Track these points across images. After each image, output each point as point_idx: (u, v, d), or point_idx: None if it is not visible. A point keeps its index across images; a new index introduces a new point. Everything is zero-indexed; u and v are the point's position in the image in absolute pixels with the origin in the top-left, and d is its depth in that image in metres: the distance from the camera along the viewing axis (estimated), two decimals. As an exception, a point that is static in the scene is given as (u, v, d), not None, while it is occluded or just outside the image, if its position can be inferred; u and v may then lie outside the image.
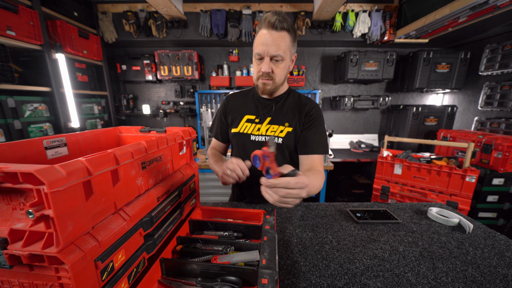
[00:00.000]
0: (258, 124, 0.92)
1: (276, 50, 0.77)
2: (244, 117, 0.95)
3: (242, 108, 0.97)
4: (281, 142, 0.90)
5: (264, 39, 0.77)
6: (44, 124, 1.77)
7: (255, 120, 0.93)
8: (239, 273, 0.49)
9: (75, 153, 0.60)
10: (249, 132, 0.92)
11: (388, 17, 2.26)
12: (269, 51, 0.77)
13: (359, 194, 2.62)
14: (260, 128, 0.92)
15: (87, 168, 0.32)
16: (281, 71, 0.82)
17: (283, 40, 0.76)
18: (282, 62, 0.80)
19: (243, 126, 0.94)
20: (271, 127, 0.91)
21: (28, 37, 1.57)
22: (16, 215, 0.30)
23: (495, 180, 1.80)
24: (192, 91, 2.76)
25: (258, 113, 0.93)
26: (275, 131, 0.90)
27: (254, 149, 0.91)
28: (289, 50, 0.80)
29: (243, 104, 0.97)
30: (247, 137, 0.93)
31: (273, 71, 0.81)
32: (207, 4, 2.26)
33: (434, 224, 0.79)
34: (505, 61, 2.02)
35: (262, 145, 0.90)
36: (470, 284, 0.52)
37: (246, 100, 0.98)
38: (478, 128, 2.33)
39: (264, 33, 0.77)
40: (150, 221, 0.46)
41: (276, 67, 0.81)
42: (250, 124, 0.93)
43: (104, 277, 0.35)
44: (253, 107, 0.95)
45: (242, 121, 0.94)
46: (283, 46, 0.77)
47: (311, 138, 0.88)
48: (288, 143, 0.90)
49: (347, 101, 2.51)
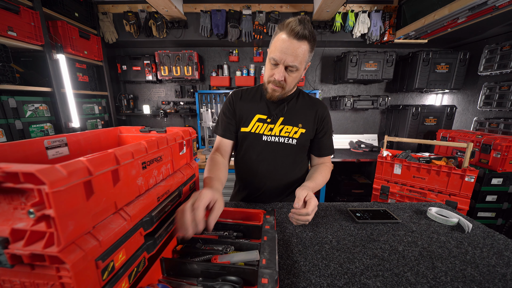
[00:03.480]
0: (270, 124, 0.90)
1: (293, 61, 0.75)
2: (255, 116, 0.91)
3: (252, 106, 0.93)
4: (295, 143, 0.90)
5: (283, 46, 0.73)
6: (45, 124, 1.78)
7: (267, 120, 0.90)
8: (239, 273, 0.49)
9: (76, 153, 0.60)
10: (261, 132, 0.90)
11: (387, 17, 2.27)
12: (286, 60, 0.75)
13: (359, 194, 2.62)
14: (273, 128, 0.90)
15: (88, 168, 0.32)
16: (293, 80, 0.81)
17: (301, 50, 0.74)
18: (296, 72, 0.79)
19: (254, 126, 0.91)
20: (284, 127, 0.90)
21: (29, 38, 1.57)
22: (17, 215, 0.30)
23: (494, 180, 1.80)
24: (192, 91, 2.76)
25: (270, 113, 0.91)
26: (289, 132, 0.89)
27: (266, 150, 0.93)
28: (305, 60, 0.78)
29: (252, 103, 0.94)
30: (259, 138, 0.90)
31: (285, 80, 0.80)
32: (207, 5, 2.27)
33: (434, 224, 0.79)
34: (504, 62, 2.02)
35: (275, 146, 0.91)
36: (469, 284, 0.52)
37: (255, 98, 0.94)
38: (477, 128, 2.33)
39: (285, 40, 0.73)
40: (151, 221, 0.46)
41: (289, 76, 0.79)
42: (262, 124, 0.90)
43: (104, 276, 0.35)
44: (264, 106, 0.92)
45: (253, 121, 0.91)
46: (301, 56, 0.75)
47: (325, 142, 0.95)
48: (301, 144, 0.91)
49: (347, 101, 2.51)
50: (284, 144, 0.90)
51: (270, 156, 0.92)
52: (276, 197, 0.98)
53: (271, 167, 0.93)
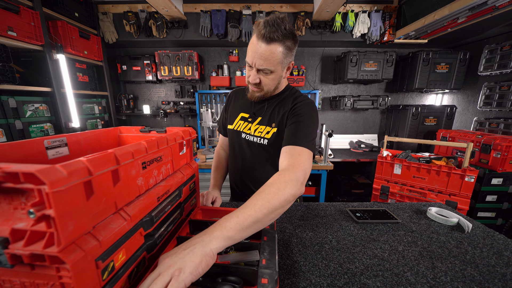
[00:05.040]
0: (250, 123, 0.92)
1: (263, 64, 0.72)
2: (239, 114, 0.95)
3: (239, 105, 0.98)
4: (266, 143, 0.88)
5: (253, 49, 0.71)
6: (45, 124, 1.78)
7: (248, 119, 0.93)
8: (239, 273, 0.49)
9: (76, 153, 0.60)
10: (241, 129, 0.94)
11: (387, 17, 2.27)
12: (256, 64, 0.72)
13: (358, 194, 2.62)
14: (251, 127, 0.92)
15: (88, 168, 0.32)
16: (270, 81, 0.78)
17: (272, 54, 0.70)
18: (272, 74, 0.76)
19: (237, 124, 0.95)
20: (259, 127, 0.89)
21: (29, 38, 1.57)
22: (17, 215, 0.30)
23: (494, 180, 1.80)
24: (192, 91, 2.76)
25: (251, 112, 0.93)
26: (262, 132, 0.88)
27: (244, 147, 0.95)
28: (280, 62, 0.73)
29: (241, 102, 0.98)
30: (239, 135, 0.94)
31: (261, 82, 0.78)
32: (207, 5, 2.27)
33: (433, 224, 0.79)
34: (504, 62, 2.02)
35: (251, 145, 0.93)
36: (469, 283, 0.52)
37: (244, 97, 0.97)
38: (477, 128, 2.33)
39: (254, 43, 0.71)
40: (151, 221, 0.47)
41: (264, 77, 0.77)
42: (243, 122, 0.94)
43: (104, 276, 0.35)
44: (249, 106, 0.95)
45: (237, 119, 0.96)
46: (272, 60, 0.71)
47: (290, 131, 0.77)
48: (273, 144, 0.87)
49: (347, 101, 2.51)
50: (257, 143, 0.91)
51: (247, 154, 0.94)
52: None
53: (248, 164, 0.95)
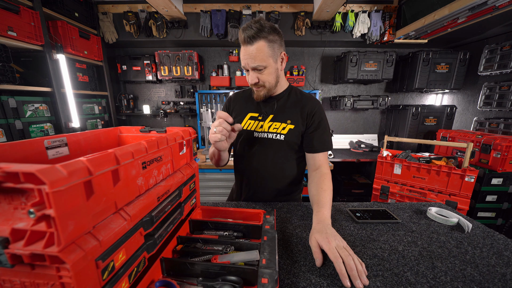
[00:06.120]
0: (261, 122, 0.94)
1: (253, 62, 0.80)
2: (248, 115, 0.97)
3: (245, 106, 1.00)
4: (283, 139, 0.92)
5: (242, 53, 0.81)
6: (45, 124, 1.78)
7: (258, 118, 0.95)
8: (239, 273, 0.49)
9: (76, 153, 0.60)
10: (252, 129, 0.95)
11: (387, 17, 2.27)
12: (249, 64, 0.81)
13: (358, 194, 2.63)
14: (263, 125, 0.94)
15: (88, 168, 0.32)
16: (267, 76, 0.84)
17: (259, 51, 0.78)
18: (266, 69, 0.82)
19: (246, 123, 0.97)
20: (273, 124, 0.93)
21: (29, 38, 1.57)
22: (17, 215, 0.30)
23: (494, 180, 1.80)
24: (192, 91, 2.76)
25: (260, 111, 0.96)
26: (277, 128, 0.92)
27: (257, 146, 0.95)
28: (270, 56, 0.80)
29: (245, 103, 1.00)
30: (250, 134, 0.96)
31: (259, 79, 0.84)
32: (207, 5, 2.27)
33: (433, 224, 0.79)
34: (503, 62, 2.02)
35: (265, 142, 0.94)
36: (469, 283, 0.52)
37: (249, 98, 1.00)
38: (477, 128, 2.33)
39: (242, 49, 0.82)
40: (151, 220, 0.47)
41: (261, 74, 0.83)
42: (253, 121, 0.96)
43: (105, 276, 0.35)
44: (256, 106, 0.97)
45: (245, 119, 0.97)
46: (261, 56, 0.79)
47: (317, 136, 0.91)
48: (290, 140, 0.92)
49: (347, 101, 2.51)
50: (272, 139, 0.93)
51: (261, 152, 0.95)
52: (271, 193, 0.98)
53: (262, 162, 0.96)
